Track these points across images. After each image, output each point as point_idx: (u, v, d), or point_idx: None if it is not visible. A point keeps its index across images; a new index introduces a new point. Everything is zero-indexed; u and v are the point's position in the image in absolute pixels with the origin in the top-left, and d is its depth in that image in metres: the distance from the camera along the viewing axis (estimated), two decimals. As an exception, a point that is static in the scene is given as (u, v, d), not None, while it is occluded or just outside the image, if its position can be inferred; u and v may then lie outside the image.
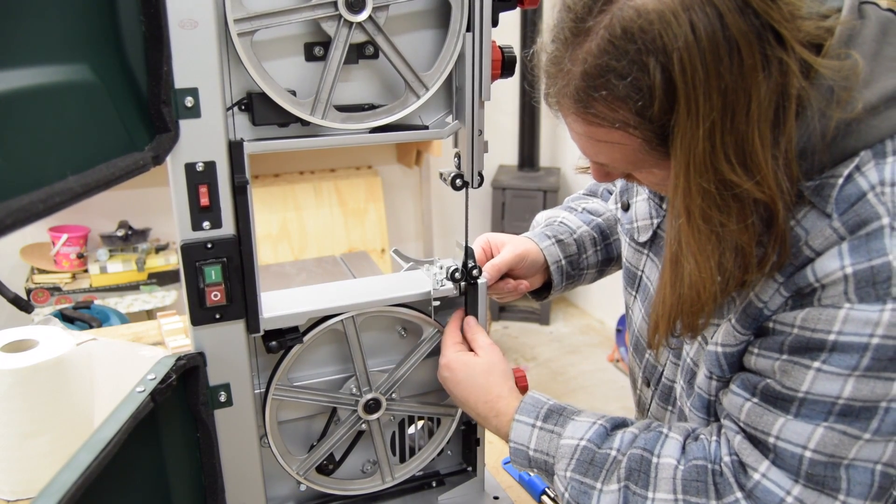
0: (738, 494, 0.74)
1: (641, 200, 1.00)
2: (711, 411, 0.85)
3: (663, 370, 0.98)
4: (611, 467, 0.80)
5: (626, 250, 1.04)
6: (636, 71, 0.65)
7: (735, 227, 0.69)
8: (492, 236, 1.12)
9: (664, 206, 0.96)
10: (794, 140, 0.68)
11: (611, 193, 1.22)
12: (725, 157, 0.66)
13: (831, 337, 0.68)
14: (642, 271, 1.01)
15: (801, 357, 0.71)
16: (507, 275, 1.09)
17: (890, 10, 0.73)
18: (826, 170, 0.70)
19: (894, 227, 0.66)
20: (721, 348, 0.79)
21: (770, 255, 0.71)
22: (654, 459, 0.78)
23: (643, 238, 0.99)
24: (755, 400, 0.75)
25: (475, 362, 0.94)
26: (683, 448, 0.79)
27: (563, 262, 1.13)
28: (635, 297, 1.04)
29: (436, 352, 1.02)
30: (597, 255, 1.17)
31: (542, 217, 1.22)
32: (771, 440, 0.73)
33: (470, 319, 0.99)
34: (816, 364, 0.69)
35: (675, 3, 0.63)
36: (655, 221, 0.97)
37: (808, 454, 0.71)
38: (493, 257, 1.08)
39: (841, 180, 0.69)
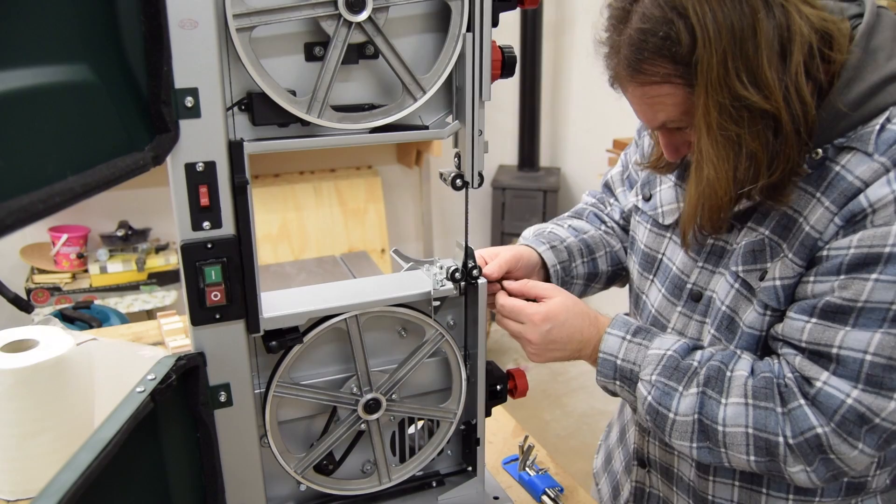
0: (802, 401, 0.86)
1: (666, 188, 1.10)
2: (761, 348, 0.95)
3: (686, 333, 1.03)
4: (691, 375, 0.92)
5: (647, 237, 1.13)
6: (664, 27, 0.83)
7: (747, 134, 0.83)
8: (482, 250, 1.14)
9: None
10: (801, 67, 0.82)
11: (597, 217, 1.29)
12: (738, 76, 0.81)
13: (886, 249, 0.80)
14: (663, 254, 1.10)
15: (860, 272, 0.82)
16: (507, 277, 1.10)
17: None
18: (861, 125, 0.85)
19: None
20: (779, 282, 0.90)
21: (780, 162, 0.84)
22: (728, 373, 0.91)
23: (668, 221, 1.08)
24: (814, 320, 0.86)
25: (563, 300, 1.01)
26: (752, 366, 0.92)
27: (558, 266, 1.17)
28: (652, 280, 1.12)
29: (436, 353, 1.02)
30: (584, 266, 1.22)
31: (529, 232, 1.27)
32: (834, 350, 0.84)
33: (511, 284, 1.06)
34: (874, 275, 0.81)
35: None
36: (682, 204, 1.05)
37: (868, 357, 0.81)
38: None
39: (877, 128, 0.83)
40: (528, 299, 1.04)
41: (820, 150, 0.87)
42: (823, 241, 0.86)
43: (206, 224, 0.80)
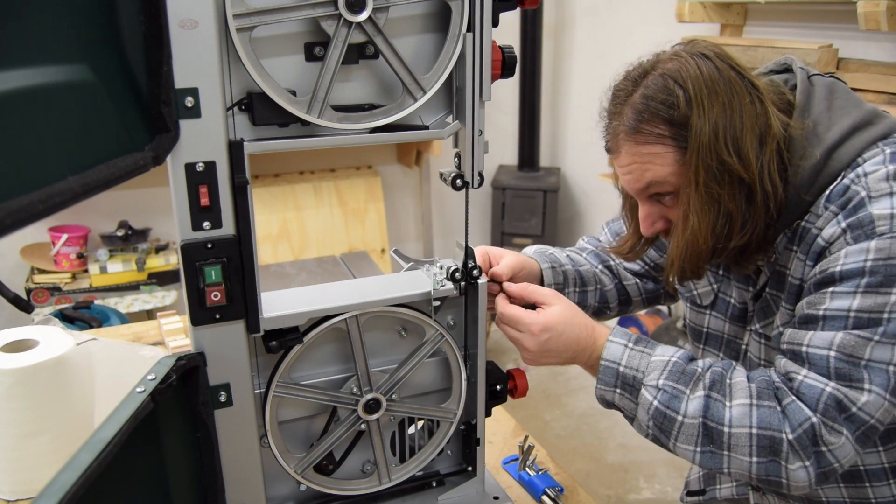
0: (792, 396, 0.94)
1: None
2: None
3: None
4: (696, 379, 0.98)
5: (689, 314, 1.25)
6: (665, 94, 0.97)
7: (726, 195, 0.96)
8: (490, 248, 1.17)
9: (721, 272, 1.17)
10: (774, 154, 0.97)
11: (597, 256, 1.36)
12: (724, 144, 0.95)
13: (838, 268, 0.93)
14: (707, 327, 1.22)
15: (821, 289, 0.95)
16: (510, 280, 1.13)
17: (830, 74, 1.05)
18: (821, 193, 0.98)
19: (871, 196, 0.93)
20: (782, 328, 1.03)
21: (749, 227, 0.98)
22: (728, 380, 0.98)
23: (706, 302, 1.21)
24: (793, 328, 0.98)
25: (562, 309, 1.03)
26: (748, 374, 1.00)
27: (553, 287, 1.22)
28: (703, 349, 1.23)
29: (437, 353, 1.02)
30: (574, 295, 1.28)
31: (530, 249, 1.31)
32: (803, 349, 0.94)
33: (511, 286, 1.07)
34: (831, 289, 0.93)
35: (685, 58, 0.98)
36: (715, 287, 1.19)
37: (832, 354, 0.92)
38: (491, 267, 1.13)
39: (828, 192, 0.97)
40: (526, 304, 1.05)
41: (800, 221, 1.00)
42: (803, 281, 1.00)
43: (206, 224, 0.80)
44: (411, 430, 1.08)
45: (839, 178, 0.96)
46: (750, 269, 1.06)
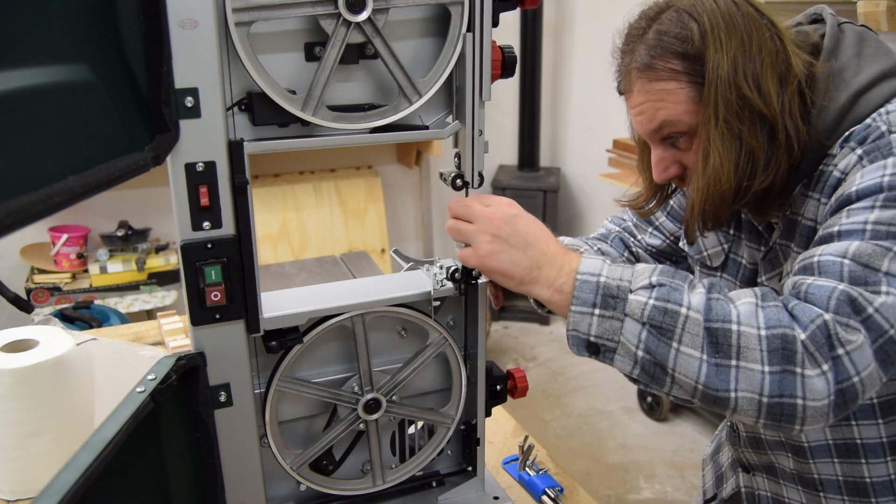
0: (796, 300, 0.85)
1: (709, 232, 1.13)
2: None
3: None
4: (692, 282, 0.88)
5: (698, 277, 1.18)
6: (679, 28, 0.94)
7: (747, 132, 0.92)
8: None
9: (732, 231, 1.12)
10: (795, 95, 0.93)
11: (622, 242, 1.31)
12: (744, 77, 0.91)
13: (854, 188, 0.88)
14: None
15: (838, 212, 0.90)
16: None
17: (863, 25, 1.00)
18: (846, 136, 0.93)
19: (891, 130, 0.89)
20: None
21: (773, 168, 0.94)
22: (725, 289, 0.88)
23: (716, 263, 1.16)
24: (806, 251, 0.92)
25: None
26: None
27: None
28: None
29: (439, 355, 1.02)
30: None
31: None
32: (815, 259, 0.87)
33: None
34: (847, 208, 0.88)
35: None
36: (726, 247, 1.14)
37: (846, 261, 0.84)
38: None
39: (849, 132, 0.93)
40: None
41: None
42: (819, 223, 0.94)
43: (206, 224, 0.80)
44: (411, 430, 1.08)
45: (864, 124, 0.92)
46: (771, 215, 1.01)
